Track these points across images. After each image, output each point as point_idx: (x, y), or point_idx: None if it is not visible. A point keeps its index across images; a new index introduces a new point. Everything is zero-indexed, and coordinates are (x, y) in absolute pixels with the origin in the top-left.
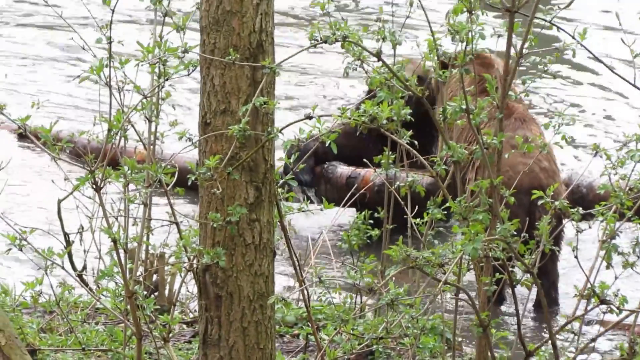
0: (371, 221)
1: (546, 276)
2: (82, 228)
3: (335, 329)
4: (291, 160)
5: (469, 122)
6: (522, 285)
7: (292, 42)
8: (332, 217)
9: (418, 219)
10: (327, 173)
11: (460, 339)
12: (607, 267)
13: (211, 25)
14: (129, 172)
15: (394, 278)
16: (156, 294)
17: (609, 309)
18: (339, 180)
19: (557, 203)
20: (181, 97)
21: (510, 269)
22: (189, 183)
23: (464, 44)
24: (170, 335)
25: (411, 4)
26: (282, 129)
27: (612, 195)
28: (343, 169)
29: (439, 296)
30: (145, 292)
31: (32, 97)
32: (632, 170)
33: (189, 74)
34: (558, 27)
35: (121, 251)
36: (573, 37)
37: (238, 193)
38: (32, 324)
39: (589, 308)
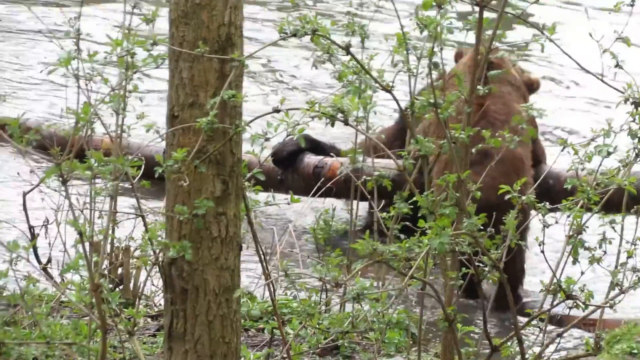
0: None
1: (512, 272)
2: (48, 221)
3: (300, 323)
4: None
5: (437, 117)
6: (489, 280)
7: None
8: (300, 208)
9: (384, 213)
10: (294, 162)
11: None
12: (574, 263)
13: (180, 18)
14: (96, 164)
15: (359, 272)
16: (121, 287)
17: (575, 304)
18: (306, 170)
19: (524, 198)
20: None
21: (478, 264)
22: (156, 175)
23: (433, 38)
24: (135, 328)
25: None
26: (250, 122)
27: (579, 191)
28: (310, 158)
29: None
30: (110, 286)
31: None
32: (600, 165)
33: (157, 67)
34: (527, 22)
35: (87, 244)
36: (542, 32)
37: (205, 186)
38: None
39: (555, 303)
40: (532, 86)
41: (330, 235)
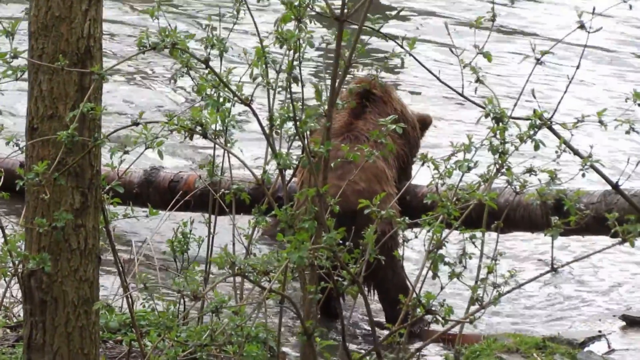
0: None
1: (388, 287)
2: None
3: (159, 335)
4: None
5: (297, 130)
6: (348, 295)
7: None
8: (158, 222)
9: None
10: (150, 176)
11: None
12: (434, 277)
13: (40, 30)
14: None
15: (218, 286)
16: None
17: (434, 319)
18: (162, 184)
19: (383, 212)
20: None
21: (337, 278)
22: (17, 188)
23: (292, 52)
24: None
25: (238, 12)
26: (108, 135)
27: (439, 206)
28: (166, 173)
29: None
30: None
31: None
32: (460, 181)
33: (17, 79)
34: (386, 37)
35: None
36: (402, 47)
37: (64, 198)
38: None
39: (414, 318)
40: (424, 122)
41: (189, 248)
